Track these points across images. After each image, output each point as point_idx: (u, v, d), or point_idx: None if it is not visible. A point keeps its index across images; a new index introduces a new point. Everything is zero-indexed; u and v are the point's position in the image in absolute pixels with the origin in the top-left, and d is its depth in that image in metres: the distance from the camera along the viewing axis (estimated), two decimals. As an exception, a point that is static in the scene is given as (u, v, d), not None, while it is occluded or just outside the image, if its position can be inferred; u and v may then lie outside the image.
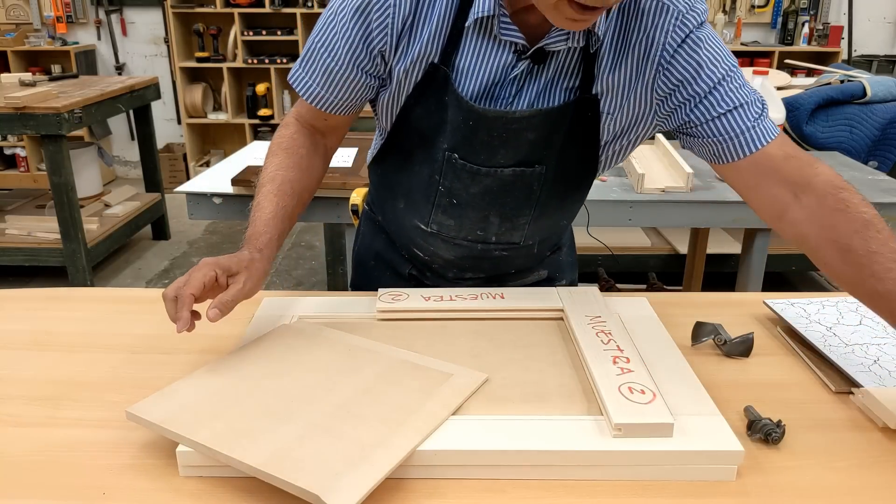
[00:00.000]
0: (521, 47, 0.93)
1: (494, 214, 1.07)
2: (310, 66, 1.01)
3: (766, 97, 2.00)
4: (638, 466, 0.73)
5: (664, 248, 3.18)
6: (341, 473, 0.67)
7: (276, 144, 1.06)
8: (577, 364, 0.91)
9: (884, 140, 2.75)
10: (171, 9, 4.73)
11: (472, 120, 0.96)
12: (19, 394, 0.89)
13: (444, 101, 0.96)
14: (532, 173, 1.01)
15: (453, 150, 1.00)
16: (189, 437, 0.72)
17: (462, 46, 0.94)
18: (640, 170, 2.01)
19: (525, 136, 0.97)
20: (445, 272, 1.19)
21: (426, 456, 0.73)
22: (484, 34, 0.93)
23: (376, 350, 0.92)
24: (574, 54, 0.94)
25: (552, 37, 0.91)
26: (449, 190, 1.04)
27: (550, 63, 0.94)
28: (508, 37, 0.92)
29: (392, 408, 0.79)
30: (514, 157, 1.00)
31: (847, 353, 0.94)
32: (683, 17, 0.90)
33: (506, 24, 0.91)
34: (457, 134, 0.98)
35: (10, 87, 3.34)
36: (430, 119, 0.99)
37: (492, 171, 1.01)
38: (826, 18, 4.96)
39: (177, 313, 0.84)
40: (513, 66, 0.94)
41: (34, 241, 3.35)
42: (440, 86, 0.96)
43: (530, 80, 0.96)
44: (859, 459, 0.77)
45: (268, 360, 0.87)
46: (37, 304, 1.14)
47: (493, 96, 0.97)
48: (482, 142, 0.98)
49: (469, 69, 0.95)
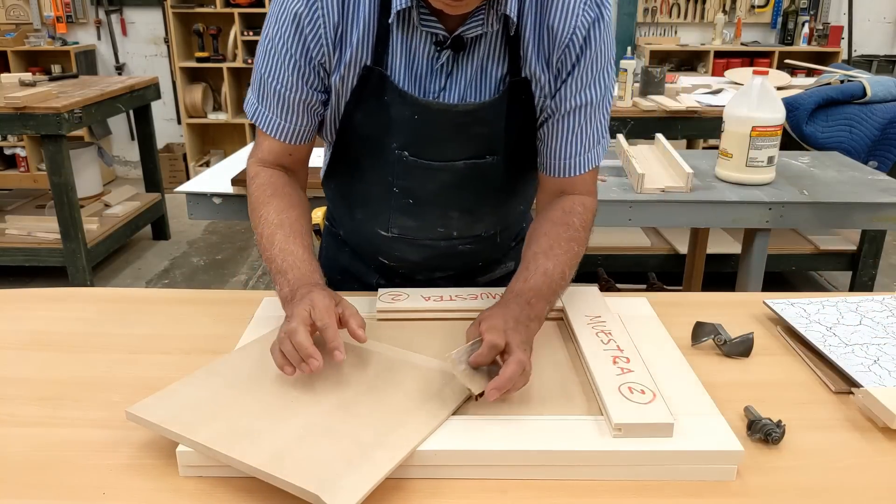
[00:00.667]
0: (441, 37, 0.94)
1: (454, 209, 1.08)
2: (265, 100, 1.01)
3: (766, 97, 2.00)
4: (638, 466, 0.73)
5: (664, 248, 3.18)
6: (341, 473, 0.67)
7: (259, 195, 1.02)
8: (577, 364, 0.91)
9: (883, 140, 2.75)
10: (171, 9, 4.73)
11: (418, 114, 0.97)
12: (19, 394, 0.89)
13: (384, 101, 0.98)
14: (485, 164, 1.03)
15: (404, 149, 1.01)
16: (189, 437, 0.72)
17: (390, 44, 0.95)
18: (640, 170, 2.01)
19: (473, 129, 0.99)
20: (414, 275, 1.19)
21: (426, 456, 0.73)
22: (407, 28, 0.95)
23: (376, 350, 0.92)
24: (498, 40, 0.96)
25: (468, 24, 0.93)
26: (405, 190, 1.05)
27: (476, 51, 0.96)
28: (428, 27, 0.94)
29: (392, 408, 0.79)
30: (466, 151, 1.01)
31: (847, 353, 0.94)
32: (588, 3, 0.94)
33: (425, 14, 0.93)
34: (405, 131, 0.99)
35: (10, 87, 3.34)
36: (373, 122, 1.00)
37: (445, 166, 1.02)
38: (826, 18, 4.96)
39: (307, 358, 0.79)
40: (437, 56, 0.96)
41: (34, 241, 3.35)
42: (377, 86, 0.97)
43: (457, 70, 0.97)
44: (859, 459, 0.77)
45: (267, 360, 0.87)
46: (37, 304, 1.14)
47: (423, 89, 0.98)
48: (431, 136, 0.99)
49: (401, 65, 0.97)
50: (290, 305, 0.86)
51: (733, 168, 2.04)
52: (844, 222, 2.04)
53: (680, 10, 5.03)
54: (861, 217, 1.99)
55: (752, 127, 1.95)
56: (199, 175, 2.23)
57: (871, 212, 1.97)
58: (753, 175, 2.02)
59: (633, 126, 2.91)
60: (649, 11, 5.03)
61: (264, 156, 1.06)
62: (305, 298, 0.84)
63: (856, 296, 1.11)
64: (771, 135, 1.96)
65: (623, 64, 2.91)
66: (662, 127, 2.71)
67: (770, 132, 1.96)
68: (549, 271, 0.93)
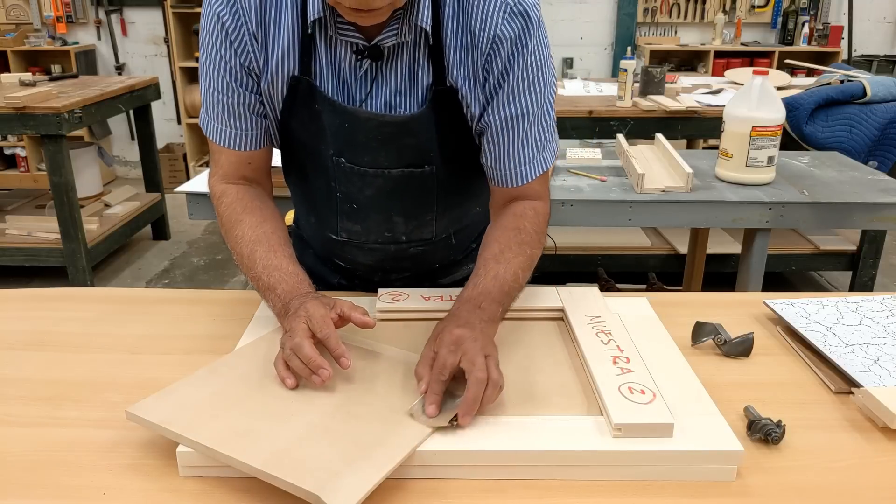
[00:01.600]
0: (360, 46, 0.94)
1: (397, 214, 1.07)
2: (213, 112, 1.01)
3: (766, 97, 2.00)
4: (638, 466, 0.73)
5: (664, 248, 3.18)
6: (341, 473, 0.67)
7: (229, 214, 1.02)
8: (577, 364, 0.91)
9: (884, 140, 2.75)
10: (171, 9, 4.73)
11: (349, 122, 0.97)
12: (19, 394, 0.89)
13: (315, 109, 0.98)
14: (423, 174, 1.03)
15: (339, 155, 1.01)
16: (189, 436, 0.72)
17: (315, 53, 0.95)
18: (640, 170, 2.01)
19: (403, 140, 0.99)
20: (371, 276, 1.19)
21: (426, 456, 0.73)
22: (328, 37, 0.95)
23: (377, 350, 0.92)
24: (420, 50, 0.95)
25: (383, 34, 0.92)
26: (346, 195, 1.06)
27: (399, 60, 0.96)
28: (346, 37, 0.93)
29: (392, 408, 0.79)
30: (400, 160, 1.01)
31: (847, 353, 0.94)
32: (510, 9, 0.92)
33: (341, 23, 0.92)
34: (338, 138, 0.99)
35: (10, 87, 3.34)
36: (308, 129, 1.01)
37: (380, 173, 1.02)
38: (826, 18, 4.96)
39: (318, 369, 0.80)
40: (358, 65, 0.96)
41: (34, 242, 3.35)
42: (307, 96, 0.97)
43: (382, 78, 0.97)
44: (859, 459, 0.77)
45: (267, 361, 0.87)
46: (37, 304, 1.14)
47: (349, 96, 0.98)
48: (361, 143, 0.99)
49: (327, 73, 0.96)
50: (287, 320, 0.86)
51: (733, 168, 2.04)
52: (844, 222, 2.04)
53: (680, 10, 5.03)
54: (861, 217, 1.99)
55: (752, 127, 1.95)
56: (199, 175, 2.23)
57: (871, 212, 1.97)
58: (753, 175, 2.02)
59: (633, 126, 2.91)
60: (649, 11, 5.03)
61: (225, 170, 1.05)
62: (300, 311, 0.84)
63: (856, 296, 1.11)
64: (771, 135, 1.96)
65: (623, 64, 2.91)
66: (662, 127, 2.71)
67: (770, 132, 1.96)
68: (500, 275, 0.93)
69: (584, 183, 2.08)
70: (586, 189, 2.03)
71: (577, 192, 2.00)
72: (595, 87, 3.39)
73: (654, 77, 3.08)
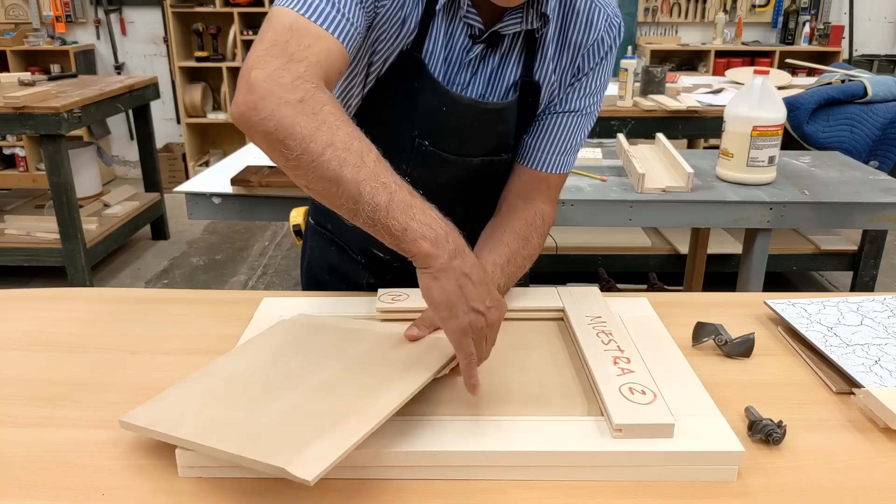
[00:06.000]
0: (477, 31, 0.94)
1: (460, 205, 1.07)
2: None
3: (767, 97, 2.00)
4: (638, 467, 0.73)
5: (664, 248, 3.17)
6: (309, 444, 0.65)
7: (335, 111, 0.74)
8: (578, 364, 0.91)
9: (884, 140, 2.75)
10: (170, 8, 4.73)
11: (447, 106, 0.97)
12: (18, 394, 0.88)
13: (414, 87, 0.96)
14: (499, 162, 1.05)
15: (424, 137, 1.00)
16: (171, 433, 0.71)
17: (432, 31, 0.94)
18: (641, 169, 2.01)
19: (495, 127, 1.01)
20: (408, 268, 1.17)
21: (426, 456, 0.73)
22: (450, 17, 0.94)
23: (368, 328, 0.91)
24: (518, 40, 0.98)
25: (506, 19, 0.93)
26: (417, 180, 1.03)
27: (498, 50, 0.97)
28: (470, 19, 0.94)
29: (374, 380, 0.77)
30: (485, 147, 1.03)
31: (848, 353, 0.94)
32: (611, 19, 1.00)
33: (468, 5, 0.93)
34: (429, 120, 0.98)
35: (9, 87, 3.34)
36: (397, 106, 0.98)
37: (462, 161, 1.02)
38: (827, 18, 4.96)
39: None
40: (469, 49, 0.96)
41: (33, 241, 3.35)
42: (411, 71, 0.95)
43: (482, 65, 0.98)
44: (860, 460, 0.77)
45: (257, 355, 0.86)
46: (36, 304, 1.14)
47: (452, 80, 0.98)
48: (453, 129, 0.99)
49: (437, 53, 0.96)
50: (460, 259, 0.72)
51: (734, 168, 2.04)
52: (845, 222, 2.03)
53: (681, 10, 5.02)
54: (862, 217, 1.98)
55: (753, 127, 1.95)
56: (199, 175, 2.23)
57: (872, 212, 1.97)
58: (754, 175, 2.02)
59: (634, 126, 2.91)
60: (650, 11, 5.02)
61: (321, 58, 0.76)
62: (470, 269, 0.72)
63: (857, 296, 1.11)
64: (772, 134, 1.96)
65: (624, 63, 2.91)
66: (663, 126, 2.71)
67: (771, 132, 1.96)
68: (501, 288, 0.96)
69: (584, 183, 2.08)
70: (587, 189, 2.03)
71: (577, 191, 2.00)
72: (595, 86, 3.38)
73: (655, 76, 3.08)
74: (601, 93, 1.05)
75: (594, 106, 1.05)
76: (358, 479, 0.73)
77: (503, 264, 0.96)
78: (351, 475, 0.73)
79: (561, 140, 1.04)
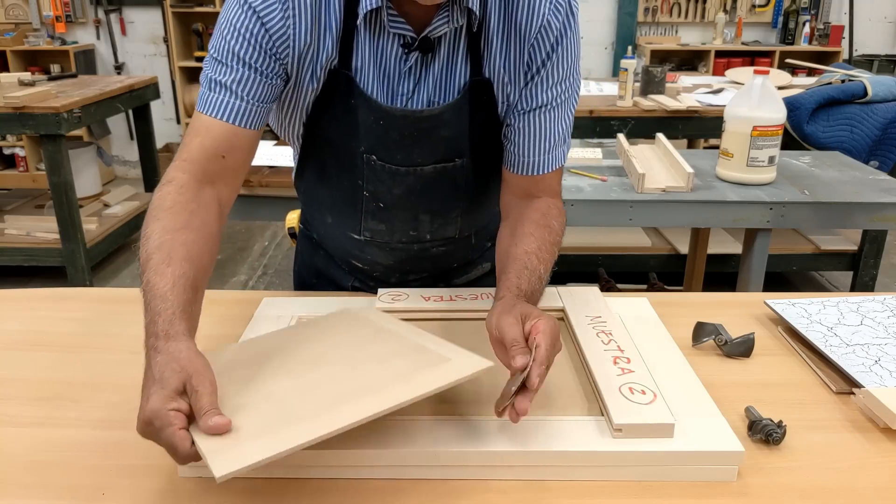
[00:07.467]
0: (409, 39, 0.93)
1: (423, 212, 1.07)
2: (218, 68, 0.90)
3: (767, 97, 2.00)
4: (639, 467, 0.73)
5: (664, 248, 3.17)
6: (244, 442, 0.63)
7: (156, 206, 0.84)
8: (578, 364, 0.91)
9: (885, 140, 2.75)
10: (170, 8, 4.73)
11: (383, 119, 0.96)
12: (18, 394, 0.89)
13: (350, 103, 0.96)
14: (454, 168, 1.02)
15: (371, 152, 1.00)
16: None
17: (356, 46, 0.94)
18: (641, 169, 2.01)
19: (438, 133, 0.98)
20: (388, 277, 1.18)
21: (426, 456, 0.73)
22: (374, 29, 0.93)
23: (389, 330, 0.88)
24: (460, 41, 0.95)
25: (434, 23, 0.92)
26: (374, 194, 1.04)
27: (439, 53, 0.95)
28: (396, 29, 0.92)
29: (358, 386, 0.73)
30: (433, 155, 1.01)
31: (848, 353, 0.94)
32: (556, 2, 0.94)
33: (392, 16, 0.92)
34: (371, 135, 0.98)
35: (9, 87, 3.33)
36: (339, 125, 0.99)
37: (412, 171, 1.01)
38: (827, 18, 4.96)
39: None
40: (404, 59, 0.95)
41: (33, 241, 3.35)
42: (344, 90, 0.95)
43: (425, 72, 0.96)
44: (860, 460, 0.77)
45: (295, 336, 0.86)
46: (36, 304, 1.14)
47: (393, 93, 0.97)
48: (395, 141, 0.98)
49: (367, 68, 0.95)
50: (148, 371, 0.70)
51: (734, 168, 2.04)
52: (845, 222, 2.04)
53: (681, 10, 5.02)
54: (862, 217, 1.98)
55: (753, 126, 1.95)
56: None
57: (872, 212, 1.97)
58: (754, 175, 2.02)
59: (634, 126, 2.91)
60: (650, 11, 5.02)
61: (192, 155, 0.89)
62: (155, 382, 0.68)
63: (857, 296, 1.11)
64: (772, 134, 1.96)
65: (624, 63, 2.91)
66: (663, 126, 2.71)
67: (771, 132, 1.96)
68: (542, 275, 0.93)
69: (584, 182, 2.08)
70: (587, 189, 2.03)
71: (577, 191, 2.00)
72: (596, 86, 3.39)
73: (655, 76, 3.08)
74: (570, 80, 1.00)
75: (565, 94, 1.00)
76: (358, 479, 0.73)
77: (536, 251, 0.94)
78: (351, 475, 0.73)
79: (542, 139, 1.01)
